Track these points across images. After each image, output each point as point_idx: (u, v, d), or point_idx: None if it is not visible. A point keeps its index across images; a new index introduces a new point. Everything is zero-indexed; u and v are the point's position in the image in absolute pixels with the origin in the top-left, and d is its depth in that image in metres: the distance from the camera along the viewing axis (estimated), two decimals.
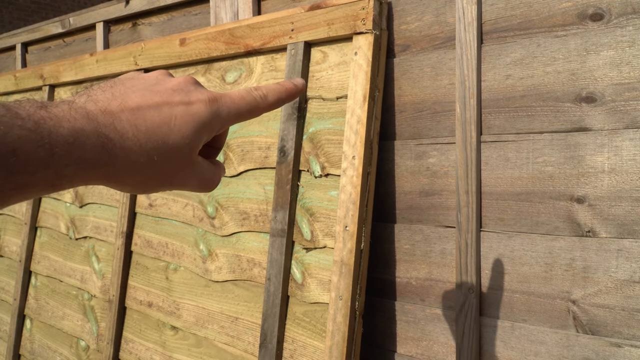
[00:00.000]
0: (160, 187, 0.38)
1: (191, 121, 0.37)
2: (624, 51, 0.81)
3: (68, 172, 0.31)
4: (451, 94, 0.98)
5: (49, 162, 0.30)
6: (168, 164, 0.37)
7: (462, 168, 0.95)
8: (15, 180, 0.29)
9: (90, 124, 0.32)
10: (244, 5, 1.34)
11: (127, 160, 0.34)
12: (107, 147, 0.33)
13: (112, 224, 1.52)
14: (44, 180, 0.30)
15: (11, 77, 2.00)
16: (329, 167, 1.04)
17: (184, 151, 0.37)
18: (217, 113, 0.39)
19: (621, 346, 0.81)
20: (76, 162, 0.31)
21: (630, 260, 0.80)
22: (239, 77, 1.23)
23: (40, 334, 1.76)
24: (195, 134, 0.37)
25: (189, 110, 0.37)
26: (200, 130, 0.38)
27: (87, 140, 0.32)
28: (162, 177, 0.37)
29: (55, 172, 0.31)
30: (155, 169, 0.36)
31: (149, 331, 1.38)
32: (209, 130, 0.38)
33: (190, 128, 0.37)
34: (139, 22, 1.70)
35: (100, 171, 0.33)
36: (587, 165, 0.84)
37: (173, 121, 0.36)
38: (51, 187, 0.31)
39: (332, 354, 0.96)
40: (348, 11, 1.01)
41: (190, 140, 0.37)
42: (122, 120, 0.34)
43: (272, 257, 1.08)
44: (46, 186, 0.31)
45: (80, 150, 0.32)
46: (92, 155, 0.32)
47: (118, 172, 0.34)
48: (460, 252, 0.95)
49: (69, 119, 0.31)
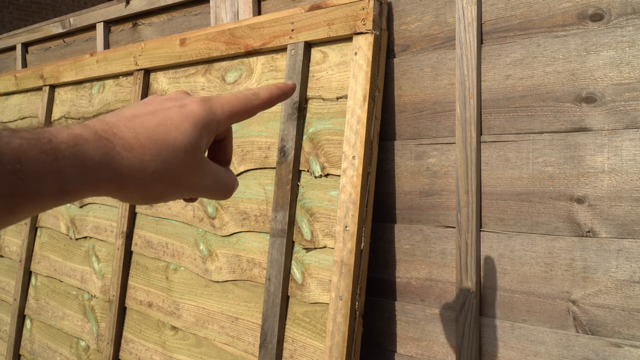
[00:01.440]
0: (171, 189, 0.38)
1: (187, 119, 0.38)
2: (624, 51, 0.81)
3: (74, 175, 0.32)
4: (451, 94, 0.98)
5: (54, 166, 0.30)
6: (174, 162, 0.37)
7: (462, 168, 0.95)
8: (24, 188, 0.29)
9: (88, 130, 0.33)
10: (244, 6, 1.34)
11: (131, 161, 0.35)
12: (108, 148, 0.34)
13: (112, 224, 1.52)
14: (52, 186, 0.31)
15: (11, 77, 2.00)
16: (329, 167, 1.04)
17: (187, 149, 0.37)
18: (211, 110, 0.40)
19: (621, 346, 0.81)
20: (80, 164, 0.32)
21: (630, 260, 0.80)
22: (239, 77, 1.23)
23: (40, 334, 1.76)
24: (193, 131, 0.38)
25: (183, 111, 0.38)
26: (198, 126, 0.38)
27: (87, 143, 0.33)
28: (171, 178, 0.37)
29: (62, 177, 0.31)
30: (162, 169, 0.36)
31: (149, 331, 1.38)
32: (206, 127, 0.39)
33: (187, 125, 0.38)
34: (139, 22, 1.70)
35: (105, 173, 0.33)
36: (587, 165, 0.84)
37: (169, 121, 0.37)
38: (60, 192, 0.31)
39: (332, 354, 0.96)
40: (348, 11, 1.01)
41: (190, 137, 0.38)
42: (119, 127, 0.35)
43: (272, 257, 1.08)
44: (55, 192, 0.31)
45: (81, 152, 0.32)
46: (95, 156, 0.33)
47: (124, 175, 0.35)
48: (460, 252, 0.95)
49: (67, 128, 0.33)
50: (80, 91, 1.72)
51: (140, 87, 1.46)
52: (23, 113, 1.98)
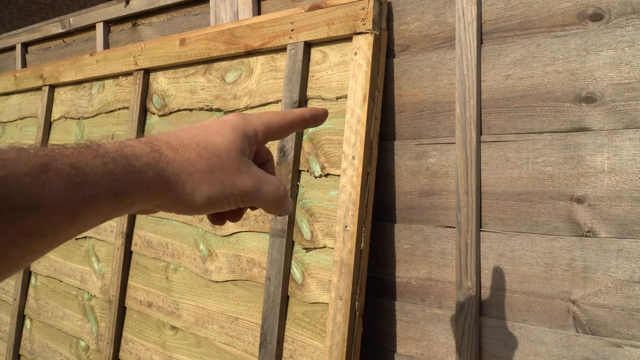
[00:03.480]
0: (222, 191, 0.38)
1: (225, 125, 0.40)
2: (623, 51, 0.81)
3: (125, 177, 0.33)
4: (451, 94, 0.98)
5: (106, 169, 0.32)
6: (217, 162, 0.38)
7: (462, 168, 0.95)
8: (81, 192, 0.30)
9: (132, 141, 0.36)
10: (244, 6, 1.34)
11: (177, 160, 0.36)
12: (153, 150, 0.35)
13: (112, 224, 1.52)
14: (106, 189, 0.32)
15: (11, 77, 2.00)
16: (329, 167, 1.04)
17: (230, 150, 0.39)
18: (247, 119, 0.42)
19: (621, 346, 0.81)
20: (129, 165, 0.33)
21: (630, 260, 0.80)
22: (239, 77, 1.23)
23: (40, 334, 1.76)
24: (233, 133, 0.40)
25: (220, 120, 0.41)
26: (237, 130, 0.40)
27: (133, 147, 0.34)
28: (218, 179, 0.38)
29: (114, 179, 0.32)
30: (207, 169, 0.37)
31: (149, 331, 1.38)
32: (244, 131, 0.41)
33: (225, 129, 0.40)
34: (139, 22, 1.70)
35: (154, 174, 0.34)
36: (587, 165, 0.84)
37: (209, 128, 0.40)
38: (114, 195, 0.32)
39: (332, 354, 0.96)
40: (348, 11, 1.01)
41: (230, 139, 0.40)
42: (160, 136, 0.38)
43: (272, 257, 1.08)
44: (109, 195, 0.32)
45: (130, 155, 0.34)
46: (142, 156, 0.34)
47: (173, 174, 0.36)
48: (460, 252, 0.95)
49: (112, 141, 0.35)
50: (80, 91, 1.72)
51: (140, 87, 1.46)
52: (23, 113, 1.98)
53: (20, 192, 0.27)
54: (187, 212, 0.38)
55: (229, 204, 0.39)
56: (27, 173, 0.28)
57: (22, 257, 0.29)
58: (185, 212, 0.38)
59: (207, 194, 0.37)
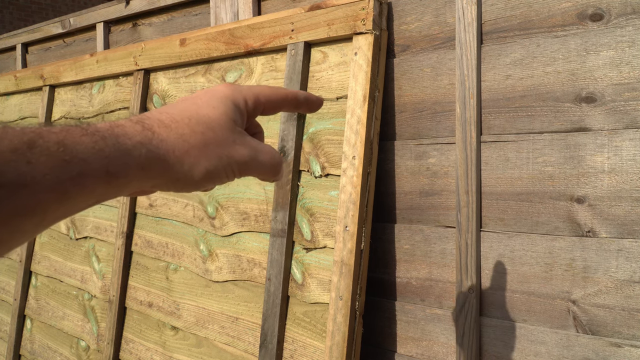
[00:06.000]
0: (218, 163, 0.38)
1: (214, 96, 0.40)
2: (623, 51, 0.81)
3: (116, 156, 0.32)
4: (451, 94, 0.98)
5: (96, 147, 0.31)
6: (211, 134, 0.38)
7: (462, 168, 0.95)
8: (70, 169, 0.30)
9: (123, 120, 0.35)
10: (244, 6, 1.34)
11: (170, 137, 0.36)
12: (144, 129, 0.35)
13: (113, 224, 1.52)
14: (97, 168, 0.31)
15: (11, 78, 2.00)
16: (329, 167, 1.04)
17: (222, 121, 0.39)
18: (237, 89, 0.42)
19: (621, 346, 0.81)
20: (120, 144, 0.33)
21: (630, 260, 0.80)
22: (239, 77, 1.23)
23: (41, 334, 1.76)
24: (223, 105, 0.40)
25: (210, 91, 0.41)
26: (227, 102, 0.40)
27: (124, 127, 0.34)
28: (213, 151, 0.38)
29: (104, 157, 0.32)
30: (202, 143, 0.37)
31: (149, 331, 1.38)
32: (235, 103, 0.41)
33: (216, 102, 0.40)
34: (139, 23, 1.70)
35: (146, 152, 0.34)
36: (587, 165, 0.84)
37: (199, 100, 0.39)
38: (106, 175, 0.32)
39: (332, 354, 0.96)
40: (348, 11, 1.01)
41: (222, 110, 0.39)
42: (152, 114, 0.37)
43: (272, 257, 1.08)
44: (101, 173, 0.31)
45: (120, 134, 0.33)
46: (134, 136, 0.34)
47: (167, 152, 0.35)
48: (460, 252, 0.95)
49: (101, 122, 0.34)
50: (80, 91, 1.72)
51: (140, 87, 1.46)
52: (23, 113, 1.98)
53: (6, 170, 0.27)
54: (187, 189, 0.38)
55: (227, 176, 0.39)
56: (12, 150, 0.27)
57: (12, 236, 0.29)
58: (185, 189, 0.38)
59: (204, 168, 0.37)
